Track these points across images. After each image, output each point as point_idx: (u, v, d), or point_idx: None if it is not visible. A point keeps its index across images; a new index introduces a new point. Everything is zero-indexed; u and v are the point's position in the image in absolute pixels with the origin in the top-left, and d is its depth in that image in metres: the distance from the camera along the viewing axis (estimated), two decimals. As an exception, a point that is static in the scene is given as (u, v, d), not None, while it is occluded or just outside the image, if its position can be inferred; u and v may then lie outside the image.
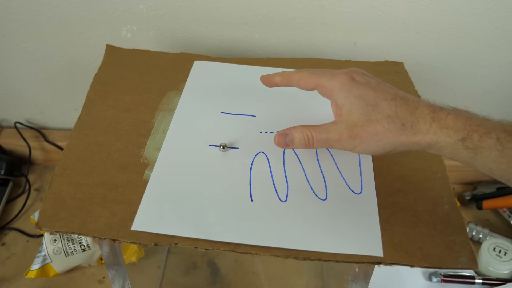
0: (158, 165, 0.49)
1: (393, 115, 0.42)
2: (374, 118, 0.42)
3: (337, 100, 0.44)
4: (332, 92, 0.45)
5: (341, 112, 0.44)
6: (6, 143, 0.89)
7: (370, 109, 0.42)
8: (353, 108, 0.43)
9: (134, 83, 0.60)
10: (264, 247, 0.43)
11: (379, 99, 0.43)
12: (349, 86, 0.44)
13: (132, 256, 0.71)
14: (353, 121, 0.43)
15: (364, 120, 0.42)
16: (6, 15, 0.75)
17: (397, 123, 0.42)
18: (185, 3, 0.72)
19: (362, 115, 0.42)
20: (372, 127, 0.42)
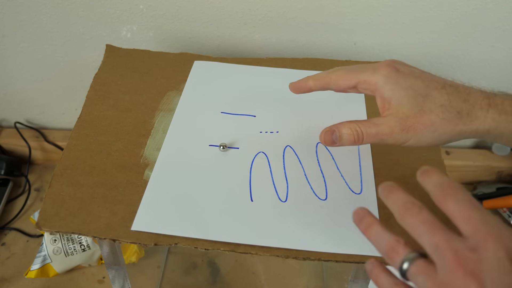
0: (158, 165, 0.49)
1: (447, 103, 0.40)
2: (427, 109, 0.40)
3: (383, 94, 0.41)
4: (376, 86, 0.42)
5: (389, 105, 0.41)
6: (6, 143, 0.89)
7: (421, 100, 0.40)
8: (403, 100, 0.40)
9: (134, 83, 0.60)
10: (264, 247, 0.43)
11: (429, 89, 0.40)
12: (395, 78, 0.41)
13: (132, 256, 0.71)
14: (404, 113, 0.40)
15: (416, 111, 0.40)
16: (6, 15, 0.75)
17: (452, 111, 0.39)
18: (185, 3, 0.72)
19: (413, 106, 0.40)
20: (426, 117, 0.40)
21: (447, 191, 0.31)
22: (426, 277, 0.30)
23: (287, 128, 0.54)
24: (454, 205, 0.30)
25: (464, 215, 0.30)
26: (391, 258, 0.33)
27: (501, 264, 0.27)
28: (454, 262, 0.28)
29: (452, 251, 0.29)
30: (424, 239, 0.30)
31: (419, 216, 0.31)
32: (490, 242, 0.28)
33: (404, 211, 0.32)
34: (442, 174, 0.32)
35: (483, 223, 0.29)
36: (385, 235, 0.34)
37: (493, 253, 0.27)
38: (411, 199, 0.33)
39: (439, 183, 0.32)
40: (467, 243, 0.29)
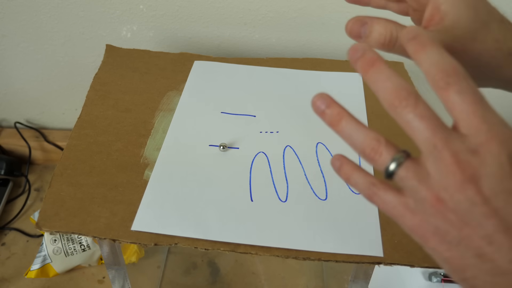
0: (158, 165, 0.49)
1: (502, 39, 0.34)
2: (482, 38, 0.34)
3: (441, 5, 0.34)
4: None
5: (441, 20, 0.34)
6: (6, 143, 0.89)
7: (479, 27, 0.34)
8: (461, 20, 0.33)
9: (134, 83, 0.60)
10: (264, 247, 0.43)
11: (490, 16, 0.34)
12: None
13: (132, 256, 0.71)
14: (455, 35, 0.33)
15: (469, 37, 0.33)
16: (6, 15, 0.75)
17: (504, 51, 0.34)
18: (185, 3, 0.72)
19: (468, 31, 0.33)
20: (477, 48, 0.34)
21: (451, 78, 0.26)
22: (418, 180, 0.27)
23: (287, 128, 0.54)
24: (456, 96, 0.26)
25: (467, 110, 0.26)
26: (372, 159, 0.29)
27: (503, 169, 0.25)
28: (454, 165, 0.26)
29: (451, 153, 0.26)
30: (420, 136, 0.27)
31: (416, 109, 0.27)
32: (493, 144, 0.26)
33: (398, 101, 0.27)
34: (443, 51, 0.28)
35: (487, 122, 0.26)
36: (360, 131, 0.30)
37: (495, 157, 0.26)
38: (404, 83, 0.28)
39: (440, 63, 0.27)
40: (468, 143, 0.26)
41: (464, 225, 0.26)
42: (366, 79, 0.30)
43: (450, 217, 0.26)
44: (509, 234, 0.25)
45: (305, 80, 0.62)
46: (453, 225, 0.26)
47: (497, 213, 0.25)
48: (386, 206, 0.30)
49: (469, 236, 0.26)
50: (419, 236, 0.29)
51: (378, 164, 0.29)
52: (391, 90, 0.28)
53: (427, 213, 0.27)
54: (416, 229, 0.28)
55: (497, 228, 0.26)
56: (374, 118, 0.56)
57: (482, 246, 0.26)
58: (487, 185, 0.25)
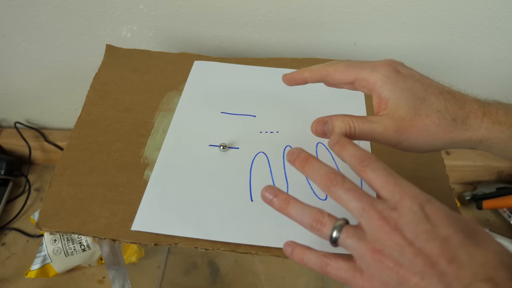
0: (158, 165, 0.49)
1: (443, 110, 0.39)
2: (423, 113, 0.39)
3: (381, 94, 0.40)
4: (375, 85, 0.41)
5: (386, 106, 0.40)
6: (6, 143, 0.89)
7: (419, 103, 0.39)
8: (400, 102, 0.39)
9: (134, 83, 0.60)
10: (264, 247, 0.43)
11: (427, 93, 0.40)
12: (395, 78, 0.40)
13: (132, 256, 0.71)
14: (400, 116, 0.39)
15: (412, 114, 0.39)
16: (6, 15, 0.75)
17: (448, 118, 0.39)
18: (185, 3, 0.72)
19: (410, 109, 0.39)
20: (421, 122, 0.39)
21: (365, 161, 0.35)
22: (357, 239, 0.33)
23: (287, 128, 0.54)
24: (371, 173, 0.34)
25: (381, 181, 0.34)
26: (318, 229, 0.35)
27: (417, 216, 0.32)
28: (380, 221, 0.32)
29: (376, 212, 0.33)
30: (350, 205, 0.34)
31: (344, 185, 0.34)
32: (405, 200, 0.33)
33: (329, 182, 0.35)
34: (356, 146, 0.36)
35: (398, 186, 0.33)
36: (306, 209, 0.36)
37: (409, 208, 0.32)
38: (332, 169, 0.35)
39: (356, 154, 0.36)
40: (388, 204, 0.33)
41: (400, 267, 0.31)
42: (304, 173, 0.37)
43: (387, 263, 0.31)
44: (434, 267, 0.30)
45: (305, 80, 0.61)
46: (392, 270, 0.31)
47: (422, 251, 0.31)
48: (338, 271, 0.35)
49: (405, 276, 0.31)
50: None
51: (323, 234, 0.35)
52: (323, 176, 0.35)
53: (370, 266, 0.32)
54: (366, 286, 0.33)
55: (425, 263, 0.30)
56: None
57: (417, 282, 0.30)
58: (408, 230, 0.32)
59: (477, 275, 0.29)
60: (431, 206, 0.32)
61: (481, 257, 0.30)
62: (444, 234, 0.31)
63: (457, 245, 0.30)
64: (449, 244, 0.31)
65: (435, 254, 0.30)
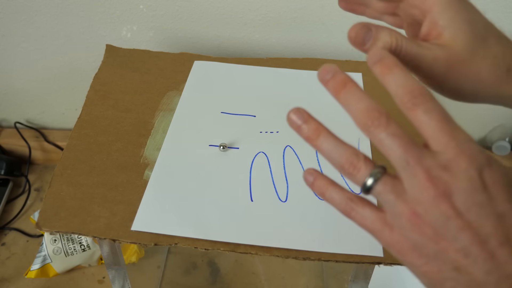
0: (158, 165, 0.49)
1: (500, 55, 0.34)
2: (481, 54, 0.34)
3: (438, 21, 0.34)
4: (433, 8, 0.34)
5: (440, 35, 0.34)
6: (6, 143, 0.89)
7: (479, 42, 0.34)
8: (459, 35, 0.33)
9: (134, 83, 0.60)
10: (264, 247, 0.43)
11: (488, 32, 0.34)
12: (457, 6, 0.34)
13: (132, 256, 0.71)
14: (455, 50, 0.33)
15: (468, 52, 0.33)
16: (6, 15, 0.75)
17: (502, 67, 0.34)
18: (185, 3, 0.72)
19: (468, 46, 0.33)
20: (476, 63, 0.34)
21: (418, 98, 0.28)
22: (395, 194, 0.28)
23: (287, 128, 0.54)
24: (424, 115, 0.28)
25: (435, 128, 0.28)
26: (350, 173, 0.30)
27: (473, 183, 0.27)
28: (426, 181, 0.27)
29: (423, 169, 0.27)
30: (393, 154, 0.28)
31: (388, 128, 0.28)
32: (462, 160, 0.27)
33: (370, 121, 0.28)
34: (408, 73, 0.29)
35: (455, 139, 0.27)
36: (339, 147, 0.30)
37: (465, 172, 0.27)
38: (375, 104, 0.29)
39: (407, 85, 0.28)
40: (438, 160, 0.27)
41: (440, 238, 0.27)
42: (339, 100, 0.30)
43: (426, 231, 0.27)
44: (483, 246, 0.26)
45: (305, 80, 0.62)
46: (430, 239, 0.27)
47: (471, 226, 0.27)
48: (364, 221, 0.30)
49: (445, 250, 0.27)
50: (397, 251, 0.29)
51: (356, 179, 0.30)
52: (363, 110, 0.29)
53: (405, 228, 0.28)
54: (394, 244, 0.29)
55: (472, 241, 0.27)
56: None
57: (459, 259, 0.27)
58: (459, 200, 0.27)
59: None
60: (491, 172, 0.27)
61: None
62: (501, 210, 0.27)
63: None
64: (505, 222, 0.27)
65: (486, 231, 0.26)
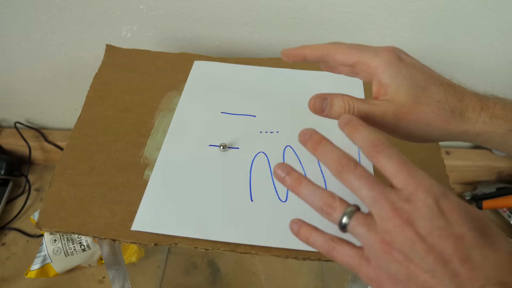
0: (158, 165, 0.49)
1: (443, 100, 0.39)
2: (423, 101, 0.39)
3: (382, 79, 0.40)
4: (377, 70, 0.40)
5: (386, 92, 0.40)
6: (6, 143, 0.89)
7: (420, 92, 0.39)
8: (401, 89, 0.39)
9: (134, 83, 0.60)
10: (264, 247, 0.43)
11: (428, 83, 0.40)
12: (397, 65, 0.40)
13: (132, 256, 0.71)
14: (400, 102, 0.39)
15: (412, 102, 0.39)
16: (6, 15, 0.75)
17: (447, 109, 0.39)
18: (185, 3, 0.72)
19: (411, 97, 0.39)
20: (421, 110, 0.39)
21: (379, 147, 0.33)
22: (367, 228, 0.32)
23: (287, 128, 0.54)
24: (385, 160, 0.33)
25: (395, 169, 0.32)
26: (328, 213, 0.34)
27: (431, 210, 0.30)
28: (391, 212, 0.31)
29: (388, 202, 0.31)
30: (361, 192, 0.33)
31: (356, 171, 0.33)
32: (420, 192, 0.31)
33: (341, 167, 0.33)
34: (370, 128, 0.34)
35: (413, 177, 0.32)
36: (317, 191, 0.35)
37: (424, 201, 0.31)
38: (345, 153, 0.34)
39: (370, 138, 0.34)
40: (401, 194, 0.32)
41: (409, 262, 0.30)
42: (316, 155, 0.36)
43: (397, 256, 0.31)
44: (447, 266, 0.29)
45: (305, 80, 0.61)
46: (401, 264, 0.30)
47: (434, 248, 0.30)
48: (344, 258, 0.34)
49: (415, 272, 0.30)
50: (376, 283, 0.32)
51: (333, 218, 0.34)
52: (335, 159, 0.34)
53: (379, 258, 0.31)
54: (372, 276, 0.32)
55: (437, 262, 0.29)
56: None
57: (428, 279, 0.29)
58: (421, 225, 0.30)
59: (490, 278, 0.28)
60: (446, 201, 0.31)
61: (495, 259, 0.29)
62: (459, 232, 0.30)
63: (471, 244, 0.30)
64: (463, 243, 0.30)
65: (448, 252, 0.29)
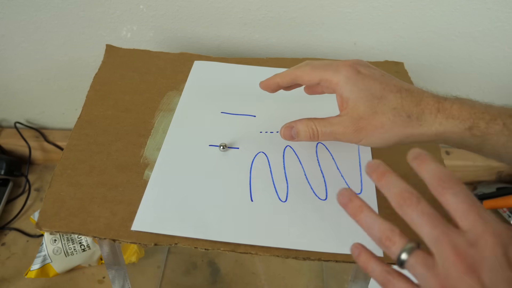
0: (158, 165, 0.49)
1: (399, 107, 0.41)
2: (380, 111, 0.41)
3: (342, 94, 0.43)
4: (337, 86, 0.43)
5: (347, 105, 0.43)
6: (6, 143, 0.89)
7: (376, 102, 0.42)
8: (359, 101, 0.42)
9: (134, 83, 0.60)
10: (264, 247, 0.43)
11: (384, 91, 0.42)
12: (355, 79, 0.43)
13: (132, 256, 0.71)
14: (359, 114, 0.42)
15: (369, 113, 0.42)
16: (6, 15, 0.75)
17: (403, 115, 0.41)
18: (185, 3, 0.72)
19: (367, 108, 0.42)
20: (377, 119, 0.41)
21: (447, 184, 0.31)
22: (426, 269, 0.30)
23: (287, 128, 0.54)
24: (452, 198, 0.31)
25: (462, 209, 0.30)
26: (386, 246, 0.33)
27: (498, 259, 0.28)
28: (455, 256, 0.29)
29: (451, 245, 0.29)
30: (423, 230, 0.31)
31: (418, 207, 0.32)
32: (488, 237, 0.29)
33: (403, 201, 0.32)
34: (439, 163, 0.33)
35: (481, 218, 0.30)
36: (377, 222, 0.34)
37: (491, 249, 0.28)
38: (407, 187, 0.33)
39: (437, 173, 0.32)
40: (466, 237, 0.29)
41: None
42: (379, 186, 0.35)
43: None
44: None
45: (305, 80, 0.61)
46: None
47: None
48: None
49: None
50: None
51: (391, 251, 0.33)
52: (397, 193, 0.33)
53: None
54: None
55: None
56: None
57: None
58: (486, 275, 0.28)
59: None
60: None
61: None
62: None
63: None
64: None
65: None
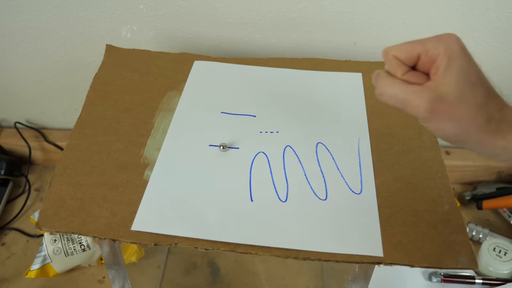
0: (158, 165, 0.49)
1: (483, 105, 0.37)
2: (466, 100, 0.36)
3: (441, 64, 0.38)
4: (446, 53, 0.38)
5: (436, 75, 0.37)
6: (6, 143, 0.89)
7: (467, 88, 0.37)
8: (450, 78, 0.37)
9: (134, 83, 0.60)
10: (264, 247, 0.43)
11: (478, 82, 0.37)
12: (457, 53, 0.38)
13: (132, 256, 0.71)
14: (443, 93, 0.36)
15: (455, 96, 0.36)
16: (6, 15, 0.75)
17: (484, 115, 0.37)
18: (185, 3, 0.72)
19: (455, 90, 0.36)
20: (459, 108, 0.36)
21: None
22: None
23: (287, 128, 0.54)
24: None
25: None
26: None
27: None
28: None
29: None
30: None
31: None
32: None
33: None
34: None
35: None
36: None
37: None
38: None
39: None
40: None
41: None
42: None
43: None
44: None
45: (305, 80, 0.62)
46: None
47: None
48: None
49: None
50: None
51: None
52: None
53: None
54: None
55: None
56: (374, 118, 0.56)
57: None
58: None
59: None
60: None
61: None
62: None
63: None
64: None
65: None
